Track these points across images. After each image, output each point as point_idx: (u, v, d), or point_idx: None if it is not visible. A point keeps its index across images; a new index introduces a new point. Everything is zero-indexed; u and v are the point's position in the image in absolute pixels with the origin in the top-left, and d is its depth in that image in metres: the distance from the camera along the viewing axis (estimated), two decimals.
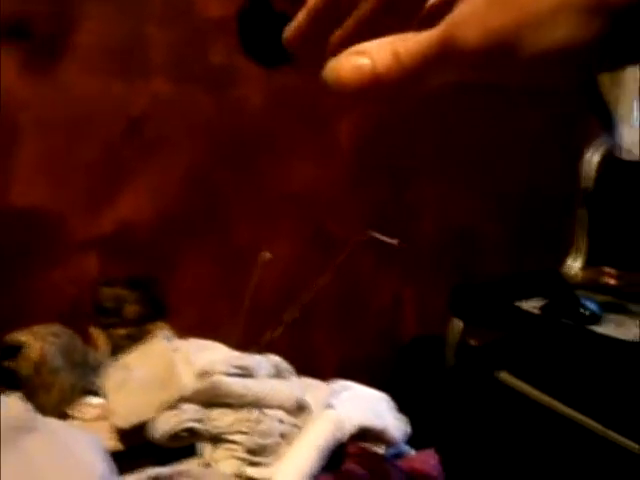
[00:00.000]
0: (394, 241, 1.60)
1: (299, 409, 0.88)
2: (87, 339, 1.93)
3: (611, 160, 2.12)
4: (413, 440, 1.39)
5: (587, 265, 2.12)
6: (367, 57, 0.34)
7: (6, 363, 1.01)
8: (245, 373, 0.87)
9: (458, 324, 1.88)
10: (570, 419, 1.58)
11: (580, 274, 2.11)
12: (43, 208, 1.93)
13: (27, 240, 1.93)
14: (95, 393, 1.00)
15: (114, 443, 0.92)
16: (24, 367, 0.99)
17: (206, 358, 0.92)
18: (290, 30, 0.42)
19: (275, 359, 0.93)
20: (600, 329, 1.55)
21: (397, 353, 2.24)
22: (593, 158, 2.13)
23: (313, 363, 2.31)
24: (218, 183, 2.17)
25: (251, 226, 2.23)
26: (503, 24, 0.32)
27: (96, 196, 2.01)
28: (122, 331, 2.00)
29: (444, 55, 0.33)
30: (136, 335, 2.00)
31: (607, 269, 2.01)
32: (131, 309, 2.00)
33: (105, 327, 2.02)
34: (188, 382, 0.85)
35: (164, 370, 0.90)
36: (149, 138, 2.04)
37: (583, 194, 2.08)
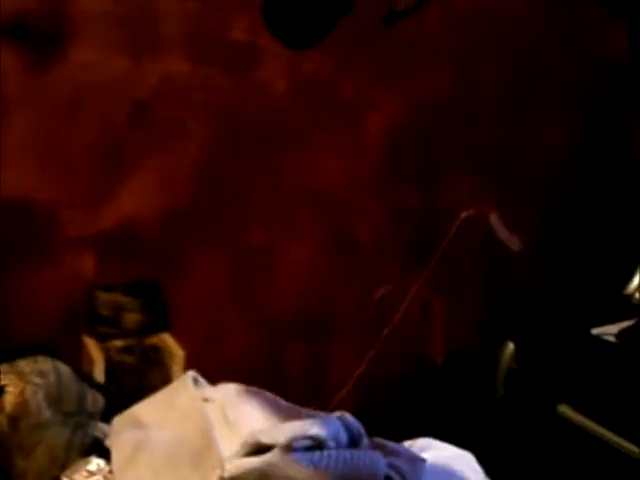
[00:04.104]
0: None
1: None
2: (80, 350, 1.77)
3: None
4: None
5: None
6: None
7: None
8: (314, 444, 0.61)
9: (510, 347, 1.63)
10: None
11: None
12: (33, 199, 1.78)
13: (14, 236, 1.77)
14: (97, 450, 0.74)
15: None
16: None
17: (256, 419, 0.66)
18: None
19: (346, 417, 0.66)
20: None
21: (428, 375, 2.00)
22: None
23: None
24: (233, 177, 2.00)
25: (267, 226, 2.04)
26: None
27: (95, 187, 1.85)
28: (119, 343, 1.79)
29: None
30: (135, 348, 1.80)
31: None
32: (131, 318, 1.80)
33: (100, 338, 1.81)
34: (232, 456, 0.59)
35: (195, 435, 0.63)
36: (157, 124, 1.88)
37: None
